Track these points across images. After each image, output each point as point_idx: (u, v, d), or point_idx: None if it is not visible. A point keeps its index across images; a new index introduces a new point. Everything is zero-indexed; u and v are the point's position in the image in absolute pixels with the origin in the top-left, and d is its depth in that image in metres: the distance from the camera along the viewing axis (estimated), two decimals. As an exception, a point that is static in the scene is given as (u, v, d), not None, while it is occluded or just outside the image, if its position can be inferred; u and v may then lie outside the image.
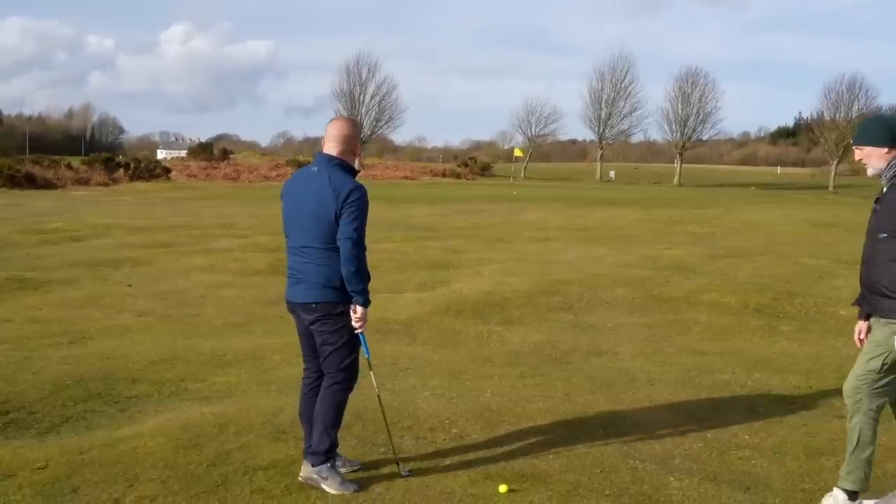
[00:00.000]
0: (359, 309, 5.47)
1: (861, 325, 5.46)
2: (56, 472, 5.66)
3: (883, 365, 5.12)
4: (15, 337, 9.93)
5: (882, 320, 5.14)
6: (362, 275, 5.46)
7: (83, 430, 6.69)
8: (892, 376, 5.19)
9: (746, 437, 6.74)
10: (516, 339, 10.33)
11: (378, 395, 5.88)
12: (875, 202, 5.27)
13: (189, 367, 8.66)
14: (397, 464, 5.81)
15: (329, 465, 5.59)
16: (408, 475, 5.72)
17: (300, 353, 5.86)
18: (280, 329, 10.75)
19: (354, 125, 5.81)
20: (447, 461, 6.03)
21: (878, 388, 5.17)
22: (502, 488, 5.51)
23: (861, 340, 5.47)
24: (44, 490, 5.43)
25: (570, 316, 11.87)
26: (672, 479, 5.82)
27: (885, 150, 5.11)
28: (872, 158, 5.16)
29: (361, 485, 5.57)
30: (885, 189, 5.19)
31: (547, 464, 6.06)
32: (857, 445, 5.21)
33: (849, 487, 5.24)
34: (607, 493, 5.54)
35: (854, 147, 5.30)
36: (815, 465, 6.13)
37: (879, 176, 5.19)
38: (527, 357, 9.46)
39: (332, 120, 5.71)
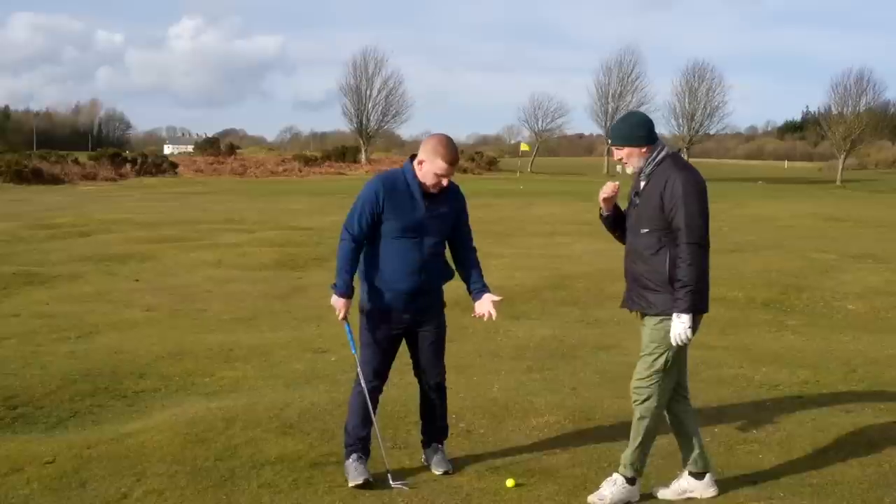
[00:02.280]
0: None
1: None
2: (64, 467, 5.67)
3: (666, 362, 5.20)
4: (22, 331, 9.95)
5: (655, 318, 5.22)
6: (337, 263, 5.63)
7: (91, 425, 6.71)
8: (675, 369, 5.31)
9: (754, 431, 6.73)
10: (523, 334, 10.32)
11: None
12: (634, 196, 5.40)
13: (196, 362, 8.67)
14: (388, 473, 5.59)
15: (349, 458, 5.65)
16: (400, 487, 5.50)
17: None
18: (287, 324, 10.78)
19: (430, 142, 5.57)
20: (454, 455, 6.03)
21: (665, 386, 5.26)
22: (509, 482, 5.51)
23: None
24: (51, 484, 5.44)
25: (577, 310, 11.87)
26: (678, 472, 5.81)
27: (644, 148, 5.30)
28: (633, 158, 5.33)
29: (371, 481, 5.54)
30: (642, 184, 5.33)
31: (554, 458, 6.06)
32: (643, 439, 5.34)
33: (695, 469, 5.39)
34: (614, 487, 5.53)
35: (612, 147, 5.44)
36: (822, 459, 6.12)
37: (639, 172, 5.34)
38: (534, 351, 9.46)
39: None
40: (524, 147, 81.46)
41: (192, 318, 11.16)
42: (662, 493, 5.52)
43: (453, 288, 12.87)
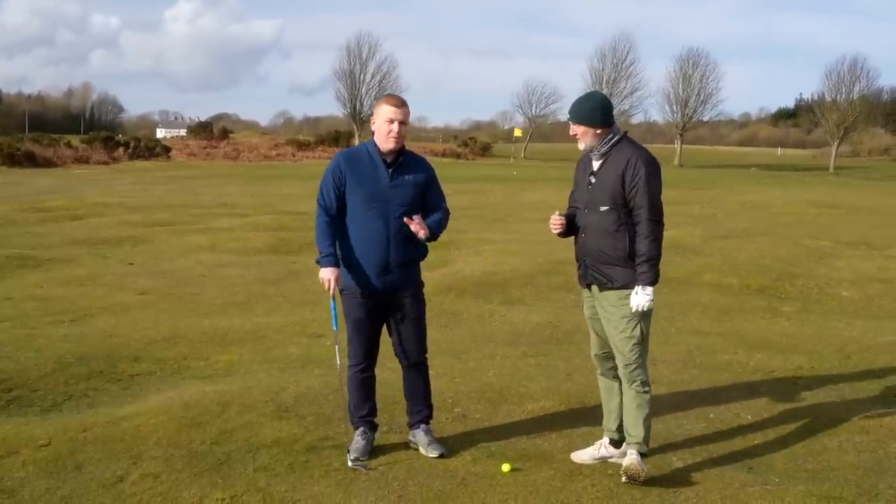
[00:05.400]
0: None
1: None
2: (59, 450, 5.67)
3: (642, 331, 5.47)
4: (16, 315, 9.93)
5: (619, 292, 5.46)
6: (315, 237, 5.83)
7: (86, 408, 6.70)
8: (649, 338, 5.63)
9: (749, 417, 6.75)
10: (518, 319, 10.32)
11: (339, 375, 6.00)
12: (589, 175, 5.60)
13: (191, 346, 8.66)
14: (348, 451, 5.65)
15: (357, 431, 5.82)
16: (355, 467, 5.51)
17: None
18: (282, 308, 10.77)
19: (375, 103, 5.84)
20: (450, 440, 6.03)
21: (645, 355, 5.56)
22: (505, 467, 5.51)
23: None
24: (47, 467, 5.43)
25: (572, 296, 11.82)
26: (675, 458, 5.83)
27: (599, 130, 5.48)
28: (588, 136, 5.51)
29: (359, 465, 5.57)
30: (596, 164, 5.56)
31: (549, 443, 6.07)
32: (648, 411, 5.54)
33: (645, 450, 5.49)
34: (609, 472, 5.55)
35: (570, 123, 5.60)
36: (818, 446, 6.14)
37: (591, 150, 5.55)
38: (528, 337, 9.47)
39: None
40: (517, 132, 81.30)
41: (186, 301, 11.14)
42: (578, 457, 5.77)
43: (447, 274, 12.89)
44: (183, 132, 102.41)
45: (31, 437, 5.85)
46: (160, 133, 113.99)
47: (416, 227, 5.56)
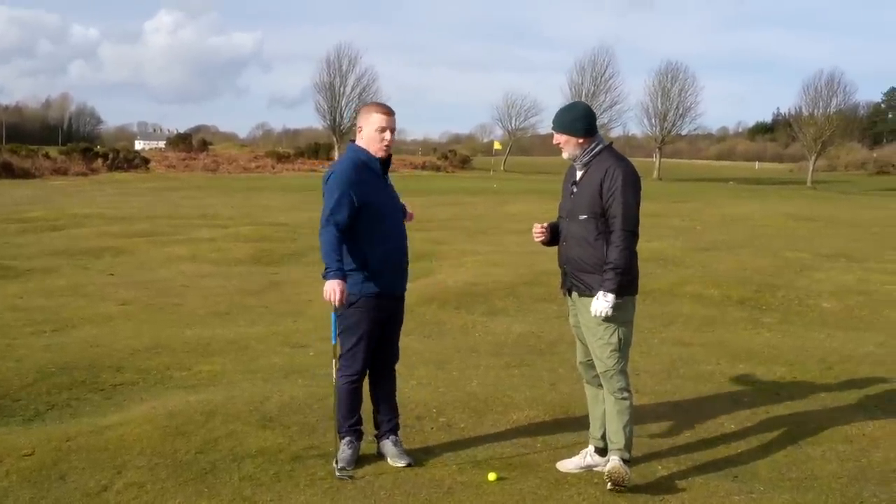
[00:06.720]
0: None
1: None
2: (43, 459, 5.63)
3: (619, 339, 5.51)
4: (-4, 325, 9.85)
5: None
6: (323, 252, 5.49)
7: (69, 418, 6.65)
8: (630, 346, 5.67)
9: (732, 426, 6.78)
10: (501, 330, 10.33)
11: (334, 384, 5.86)
12: (572, 185, 5.68)
13: (174, 356, 8.61)
14: (336, 461, 5.65)
15: (343, 440, 5.75)
16: (342, 477, 5.53)
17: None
18: (264, 318, 10.74)
19: (361, 110, 5.86)
20: (435, 449, 6.04)
21: (625, 361, 5.58)
22: (491, 476, 5.51)
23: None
24: (31, 477, 5.39)
25: (554, 307, 11.85)
26: (660, 467, 5.86)
27: (581, 139, 5.54)
28: (569, 145, 5.57)
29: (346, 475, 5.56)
30: (579, 173, 5.62)
31: (535, 453, 6.08)
32: (629, 417, 5.57)
33: (628, 457, 5.52)
34: (595, 481, 5.56)
35: (553, 132, 5.66)
36: (801, 455, 6.18)
37: (574, 160, 5.61)
38: (512, 347, 9.48)
39: None
40: (497, 146, 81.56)
41: (167, 312, 11.09)
42: (564, 466, 5.79)
43: (429, 285, 12.87)
44: (161, 144, 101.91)
45: (13, 446, 5.81)
46: (138, 145, 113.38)
47: None
